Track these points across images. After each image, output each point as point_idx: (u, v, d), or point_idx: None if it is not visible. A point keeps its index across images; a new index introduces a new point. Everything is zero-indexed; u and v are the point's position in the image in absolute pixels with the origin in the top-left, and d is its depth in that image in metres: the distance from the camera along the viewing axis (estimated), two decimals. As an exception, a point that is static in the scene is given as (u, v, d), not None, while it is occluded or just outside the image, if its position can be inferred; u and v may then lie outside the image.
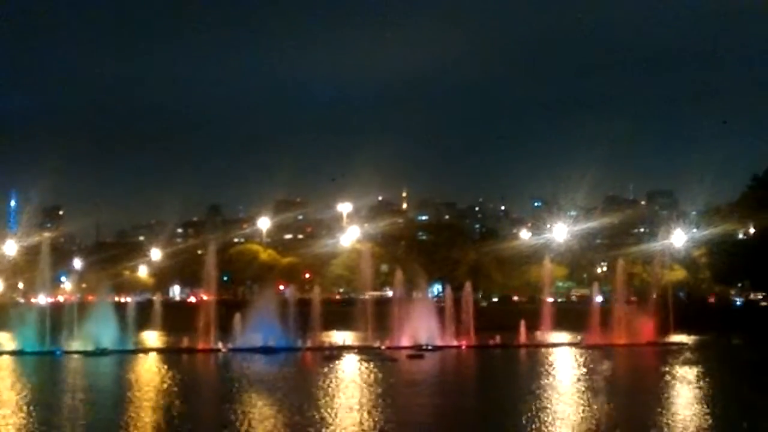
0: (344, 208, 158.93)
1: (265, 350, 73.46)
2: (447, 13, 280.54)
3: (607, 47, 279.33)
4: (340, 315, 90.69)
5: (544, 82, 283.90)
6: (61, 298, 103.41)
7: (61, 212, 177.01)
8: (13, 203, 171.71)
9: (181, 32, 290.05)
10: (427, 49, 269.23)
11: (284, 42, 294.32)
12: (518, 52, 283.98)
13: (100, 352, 72.68)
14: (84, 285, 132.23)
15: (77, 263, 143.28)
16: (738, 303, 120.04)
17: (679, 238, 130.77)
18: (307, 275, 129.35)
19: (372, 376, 56.52)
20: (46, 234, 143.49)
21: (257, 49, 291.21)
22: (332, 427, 35.37)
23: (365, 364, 63.61)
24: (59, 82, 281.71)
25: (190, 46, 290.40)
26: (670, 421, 37.58)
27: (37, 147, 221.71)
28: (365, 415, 39.54)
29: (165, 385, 53.55)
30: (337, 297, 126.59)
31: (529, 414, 38.61)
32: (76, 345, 75.90)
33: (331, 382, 53.39)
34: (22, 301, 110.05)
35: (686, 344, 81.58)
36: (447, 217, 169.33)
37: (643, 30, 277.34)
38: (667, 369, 60.58)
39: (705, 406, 42.65)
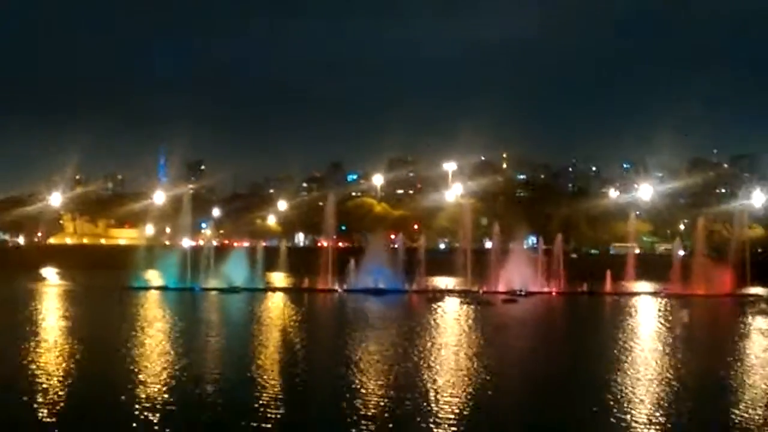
0: (450, 166, 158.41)
1: (376, 292, 73.86)
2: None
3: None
4: (444, 262, 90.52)
5: (639, 44, 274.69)
6: (201, 242, 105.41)
7: (202, 167, 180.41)
8: (162, 159, 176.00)
9: (300, 12, 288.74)
10: (529, 13, 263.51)
11: (395, 8, 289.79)
12: (614, 13, 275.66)
13: (232, 290, 74.14)
14: (221, 231, 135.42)
15: (216, 211, 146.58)
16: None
17: (758, 198, 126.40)
18: (415, 226, 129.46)
19: (470, 316, 56.31)
20: (190, 186, 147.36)
21: (370, 16, 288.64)
22: (433, 362, 35.14)
23: (465, 306, 63.38)
24: (199, 56, 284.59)
25: (308, 23, 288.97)
26: (741, 364, 36.32)
27: (182, 111, 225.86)
28: (464, 354, 39.26)
29: (288, 320, 54.37)
30: (441, 247, 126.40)
31: (604, 354, 37.89)
32: (212, 283, 77.64)
33: (433, 321, 53.31)
34: (168, 243, 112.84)
35: (762, 296, 78.96)
36: (542, 176, 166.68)
37: None
38: (741, 318, 58.75)
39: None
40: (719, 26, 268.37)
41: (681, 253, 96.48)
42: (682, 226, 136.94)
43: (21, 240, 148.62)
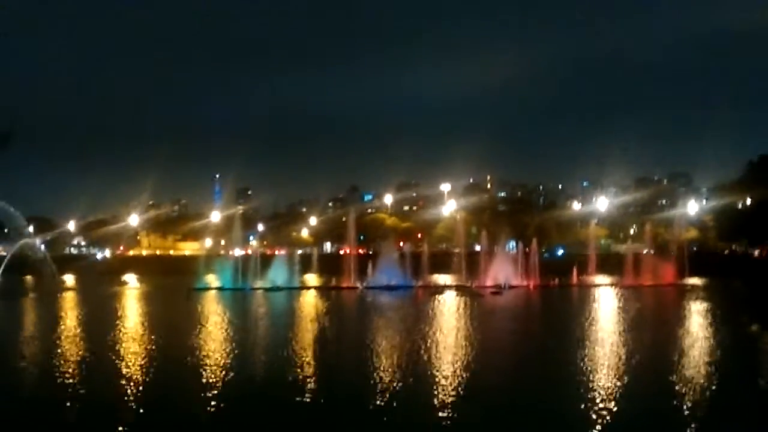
0: (445, 187, 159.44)
1: (389, 288, 74.09)
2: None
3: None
4: (442, 263, 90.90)
5: (595, 86, 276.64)
6: (249, 251, 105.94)
7: (249, 192, 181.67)
8: (217, 186, 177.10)
9: (321, 60, 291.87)
10: (508, 61, 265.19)
11: (398, 59, 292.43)
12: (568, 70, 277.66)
13: (275, 289, 74.37)
14: (265, 242, 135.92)
15: (260, 227, 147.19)
16: (737, 255, 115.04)
17: (692, 207, 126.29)
18: (419, 235, 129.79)
19: (465, 305, 56.69)
20: (239, 207, 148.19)
21: (378, 65, 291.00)
22: (435, 336, 35.64)
23: (460, 297, 63.73)
24: (242, 98, 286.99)
25: (335, 69, 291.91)
26: (682, 335, 36.73)
27: (233, 147, 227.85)
28: (461, 330, 39.83)
29: (321, 309, 54.89)
30: (440, 251, 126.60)
31: (576, 330, 38.29)
32: (259, 283, 77.86)
33: (436, 308, 53.75)
34: (223, 253, 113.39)
35: (698, 285, 78.98)
36: (519, 193, 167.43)
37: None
38: (681, 302, 58.99)
39: (711, 326, 41.70)
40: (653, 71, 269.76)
41: (645, 251, 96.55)
42: (632, 231, 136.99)
43: (107, 253, 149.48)
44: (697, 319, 46.84)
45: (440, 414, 19.74)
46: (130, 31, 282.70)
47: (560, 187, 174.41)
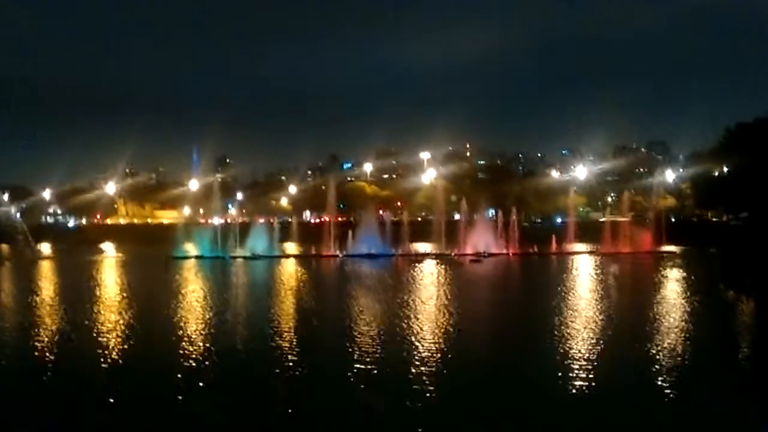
0: (425, 155, 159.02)
1: (369, 256, 74.08)
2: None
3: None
4: (422, 232, 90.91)
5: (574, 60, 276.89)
6: (228, 220, 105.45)
7: (228, 160, 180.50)
8: (195, 155, 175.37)
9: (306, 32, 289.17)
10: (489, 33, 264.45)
11: (380, 26, 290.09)
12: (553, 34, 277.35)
13: (254, 257, 74.19)
14: (244, 210, 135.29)
15: (239, 195, 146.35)
16: (714, 222, 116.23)
17: (669, 175, 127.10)
18: (399, 203, 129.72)
19: (444, 273, 56.94)
20: (218, 175, 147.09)
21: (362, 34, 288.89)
22: (417, 304, 35.77)
23: (440, 266, 63.93)
24: (222, 68, 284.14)
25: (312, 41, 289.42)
26: (657, 301, 37.17)
27: (211, 116, 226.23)
28: (441, 297, 40.00)
29: (300, 278, 54.82)
30: (420, 219, 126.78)
31: (554, 298, 38.61)
32: (238, 252, 77.59)
33: (415, 276, 53.89)
34: (201, 221, 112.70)
35: (675, 252, 79.81)
36: (498, 161, 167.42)
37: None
38: (658, 269, 59.57)
39: (687, 291, 42.21)
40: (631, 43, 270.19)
41: (623, 219, 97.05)
42: (610, 199, 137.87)
43: (83, 221, 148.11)
44: (672, 286, 47.44)
45: (419, 381, 19.87)
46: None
47: (539, 155, 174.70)
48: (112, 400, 18.34)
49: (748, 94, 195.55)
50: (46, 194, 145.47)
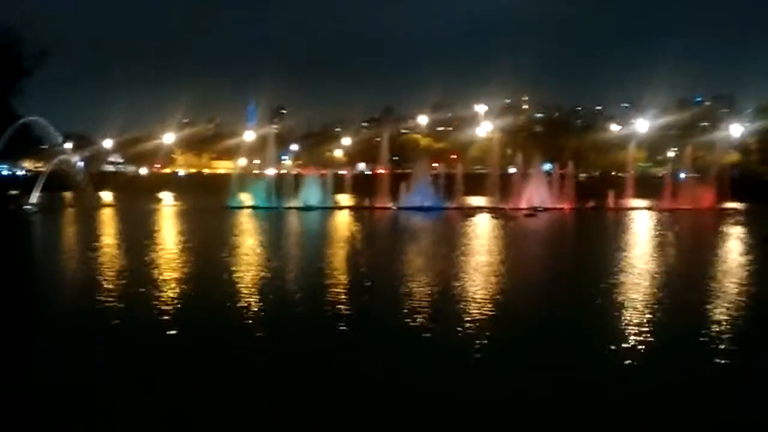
0: (480, 108, 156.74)
1: (423, 209, 74.17)
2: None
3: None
4: (476, 185, 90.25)
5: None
6: (283, 171, 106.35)
7: (283, 111, 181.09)
8: (252, 106, 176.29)
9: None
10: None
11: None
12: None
13: (308, 208, 74.94)
14: (299, 162, 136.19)
15: (294, 147, 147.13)
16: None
17: (735, 129, 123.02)
18: (454, 156, 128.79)
19: (498, 227, 56.60)
20: (273, 126, 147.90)
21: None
22: (469, 257, 35.60)
23: (494, 220, 63.56)
24: (280, 24, 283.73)
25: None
26: (720, 259, 36.27)
27: (268, 66, 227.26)
28: (493, 252, 39.76)
29: (354, 228, 55.33)
30: (475, 172, 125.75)
31: (606, 256, 37.97)
32: (292, 203, 78.40)
33: (469, 231, 53.67)
34: (256, 172, 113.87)
35: (738, 209, 77.68)
36: (556, 114, 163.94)
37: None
38: (721, 227, 58.06)
39: (747, 250, 41.01)
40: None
41: (682, 175, 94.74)
42: (672, 154, 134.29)
43: (143, 170, 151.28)
44: (732, 244, 46.24)
45: (471, 333, 19.83)
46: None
47: (599, 108, 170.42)
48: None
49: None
50: (107, 143, 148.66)
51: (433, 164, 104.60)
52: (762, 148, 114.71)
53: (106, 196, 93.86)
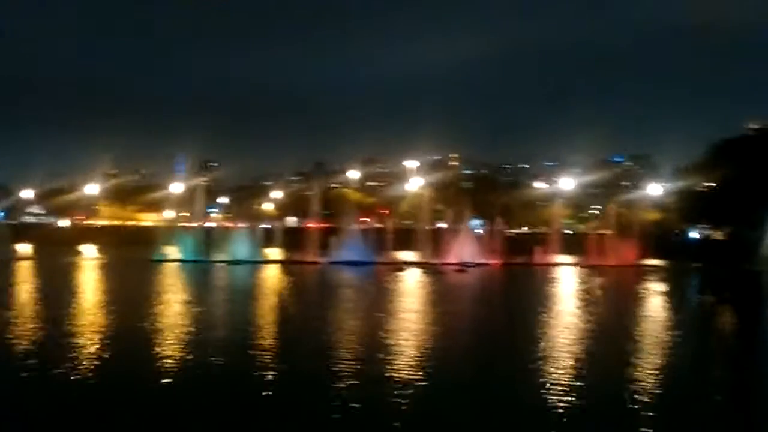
0: (410, 164, 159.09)
1: (353, 263, 73.74)
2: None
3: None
4: (406, 240, 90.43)
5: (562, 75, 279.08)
6: (211, 224, 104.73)
7: (213, 164, 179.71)
8: (180, 158, 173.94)
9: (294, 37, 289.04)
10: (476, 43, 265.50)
11: (362, 35, 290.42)
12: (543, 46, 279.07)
13: (236, 262, 73.65)
14: (228, 215, 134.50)
15: (223, 199, 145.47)
16: (697, 237, 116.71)
17: (654, 189, 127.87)
18: (384, 211, 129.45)
19: (428, 282, 56.72)
20: (202, 179, 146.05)
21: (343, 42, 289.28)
22: (399, 312, 35.43)
23: (424, 275, 63.68)
24: (208, 78, 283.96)
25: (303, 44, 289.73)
26: (642, 311, 37.16)
27: (198, 120, 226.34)
28: (423, 306, 39.70)
29: (282, 284, 54.48)
30: (404, 227, 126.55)
31: (535, 307, 38.48)
32: (220, 256, 76.91)
33: (398, 285, 53.58)
34: (183, 225, 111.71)
35: (658, 266, 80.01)
36: (484, 171, 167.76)
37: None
38: (643, 282, 59.63)
39: (669, 303, 42.18)
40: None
41: (606, 232, 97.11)
42: (595, 212, 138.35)
43: (65, 222, 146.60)
44: (653, 298, 47.51)
45: (399, 389, 19.55)
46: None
47: (525, 166, 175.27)
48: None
49: (733, 109, 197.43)
50: (28, 193, 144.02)
51: (363, 218, 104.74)
52: (680, 207, 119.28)
53: (25, 248, 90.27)
